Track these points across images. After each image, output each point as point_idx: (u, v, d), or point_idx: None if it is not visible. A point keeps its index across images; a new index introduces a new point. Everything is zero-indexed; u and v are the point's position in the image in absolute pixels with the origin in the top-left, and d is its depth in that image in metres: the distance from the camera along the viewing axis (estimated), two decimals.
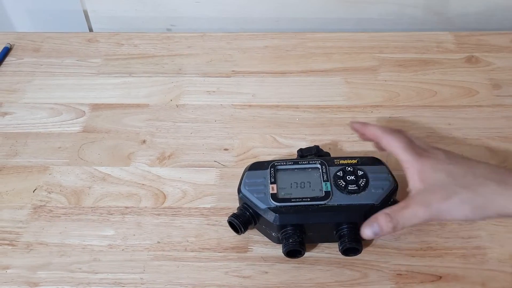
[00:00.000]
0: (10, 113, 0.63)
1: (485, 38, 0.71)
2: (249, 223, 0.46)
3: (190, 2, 0.79)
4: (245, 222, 0.46)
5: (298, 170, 0.48)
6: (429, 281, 0.45)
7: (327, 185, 0.46)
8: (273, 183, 0.47)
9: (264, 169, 0.48)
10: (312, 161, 0.49)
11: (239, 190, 0.47)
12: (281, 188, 0.46)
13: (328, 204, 0.45)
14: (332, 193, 0.45)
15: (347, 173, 0.47)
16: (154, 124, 0.61)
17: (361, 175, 0.46)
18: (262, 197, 0.46)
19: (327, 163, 0.48)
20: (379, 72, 0.67)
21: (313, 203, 0.45)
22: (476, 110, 0.61)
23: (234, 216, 0.46)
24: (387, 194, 0.45)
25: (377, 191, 0.45)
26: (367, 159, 0.48)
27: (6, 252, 0.49)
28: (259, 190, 0.46)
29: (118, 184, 0.54)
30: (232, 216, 0.46)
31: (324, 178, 0.47)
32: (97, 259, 0.48)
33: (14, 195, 0.54)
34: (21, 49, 0.72)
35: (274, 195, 0.46)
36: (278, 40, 0.73)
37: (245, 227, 0.46)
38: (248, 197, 0.46)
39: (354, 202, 0.45)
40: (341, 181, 0.46)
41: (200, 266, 0.47)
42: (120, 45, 0.73)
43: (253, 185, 0.47)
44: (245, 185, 0.47)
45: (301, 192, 0.46)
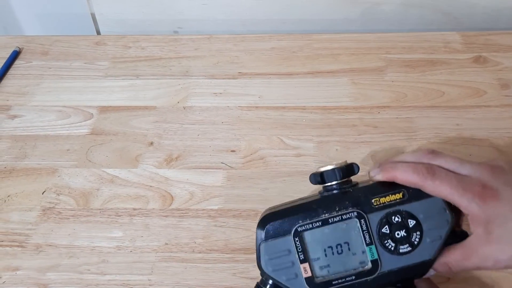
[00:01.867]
0: (19, 116, 0.63)
1: (493, 37, 0.71)
2: None
3: (197, 4, 0.79)
4: None
5: (329, 230, 0.36)
6: (438, 283, 0.45)
7: (372, 251, 0.36)
8: (304, 261, 0.36)
9: (285, 235, 0.36)
10: (345, 213, 0.36)
11: (260, 267, 0.37)
12: (314, 262, 0.36)
13: (377, 275, 0.36)
14: (380, 261, 0.36)
15: (394, 226, 0.36)
16: (161, 126, 0.61)
17: (413, 226, 0.36)
18: (294, 280, 0.36)
19: (364, 208, 0.36)
20: (386, 73, 0.67)
21: (359, 280, 0.36)
22: (484, 110, 0.61)
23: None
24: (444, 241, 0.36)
25: (433, 241, 0.36)
26: (414, 189, 0.36)
27: (16, 254, 0.49)
28: (288, 270, 0.36)
29: (126, 186, 0.55)
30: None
31: (367, 241, 0.36)
32: (106, 261, 0.48)
33: (23, 197, 0.54)
34: (29, 52, 0.73)
35: (309, 280, 0.36)
36: (284, 42, 0.73)
37: None
38: (275, 279, 0.37)
39: (407, 263, 0.36)
40: (389, 241, 0.36)
41: (207, 267, 0.47)
42: (127, 47, 0.73)
43: (277, 263, 0.37)
44: (267, 264, 0.37)
45: (340, 262, 0.36)
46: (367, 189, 0.37)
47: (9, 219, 0.52)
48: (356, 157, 0.56)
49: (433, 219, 0.36)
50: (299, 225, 0.36)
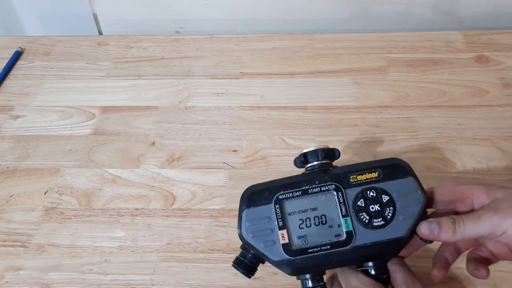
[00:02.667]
0: (22, 116, 0.64)
1: (495, 37, 0.71)
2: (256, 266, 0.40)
3: (199, 4, 0.79)
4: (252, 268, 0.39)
5: (308, 200, 0.38)
6: (439, 283, 0.45)
7: (347, 223, 0.38)
8: (282, 227, 0.38)
9: (266, 203, 0.38)
10: (325, 185, 0.39)
11: (240, 235, 0.39)
12: (292, 233, 0.38)
13: (351, 246, 0.37)
14: (354, 232, 0.38)
15: (369, 200, 0.38)
16: (163, 126, 0.61)
17: (387, 202, 0.38)
18: (271, 246, 0.38)
19: (342, 183, 0.39)
20: (388, 73, 0.67)
21: (334, 250, 0.37)
22: (487, 109, 0.61)
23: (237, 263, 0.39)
24: (416, 220, 0.38)
25: (406, 219, 0.38)
26: (390, 170, 0.39)
27: (19, 254, 0.49)
28: (266, 237, 0.38)
29: (128, 186, 0.55)
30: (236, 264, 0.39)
31: (343, 212, 0.38)
32: (108, 261, 0.48)
33: (26, 197, 0.54)
34: (32, 53, 0.73)
35: (286, 246, 0.37)
36: (286, 41, 0.73)
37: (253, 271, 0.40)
38: (255, 247, 0.38)
39: (380, 238, 0.37)
40: (364, 214, 0.38)
41: (209, 267, 0.47)
42: (129, 48, 0.73)
43: (257, 230, 0.38)
44: (247, 230, 0.38)
45: (317, 233, 0.38)
46: (346, 168, 0.40)
47: (12, 219, 0.52)
48: (358, 156, 0.56)
49: (406, 198, 0.38)
50: (280, 194, 0.38)
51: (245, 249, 0.39)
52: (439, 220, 0.37)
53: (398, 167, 0.39)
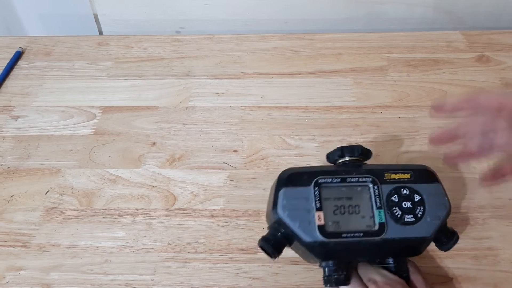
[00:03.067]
0: (23, 116, 0.64)
1: (496, 37, 0.71)
2: (283, 247, 0.39)
3: (199, 4, 0.79)
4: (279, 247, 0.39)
5: (345, 189, 0.40)
6: (440, 283, 0.45)
7: (380, 215, 0.39)
8: (319, 209, 0.39)
9: (305, 185, 0.40)
10: (362, 177, 0.41)
11: (275, 211, 0.39)
12: (328, 216, 0.39)
13: (382, 238, 0.39)
14: (386, 225, 0.39)
15: (402, 197, 0.40)
16: (164, 126, 0.61)
17: (418, 201, 0.40)
18: (306, 227, 0.38)
19: (378, 178, 0.41)
20: (388, 73, 0.67)
21: (365, 239, 0.38)
22: None
23: (266, 240, 0.39)
24: (442, 223, 0.40)
25: (433, 221, 0.39)
26: (420, 174, 0.41)
27: (19, 254, 0.49)
28: (302, 217, 0.39)
29: (128, 186, 0.55)
30: (264, 241, 0.39)
31: (377, 205, 0.39)
32: (109, 261, 0.48)
33: (26, 198, 0.54)
34: (32, 53, 0.73)
35: (322, 228, 0.38)
36: (286, 41, 0.73)
37: (279, 252, 0.39)
38: (287, 224, 0.39)
39: (408, 235, 0.39)
40: (397, 209, 0.39)
41: (210, 267, 0.47)
42: (130, 48, 0.73)
43: (293, 208, 0.39)
44: (284, 208, 0.39)
45: (350, 221, 0.39)
46: (379, 166, 0.42)
47: (13, 219, 0.52)
48: None
49: (435, 201, 0.40)
50: (320, 178, 0.40)
51: (275, 228, 0.39)
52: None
53: (427, 173, 0.42)
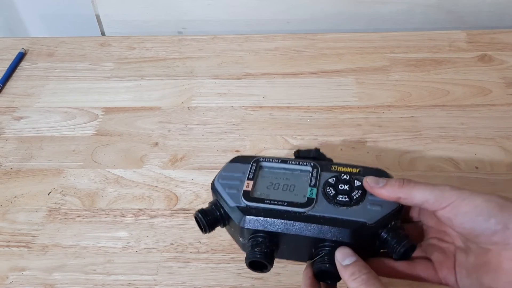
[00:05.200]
0: (25, 117, 0.64)
1: (498, 36, 0.71)
2: (216, 223, 0.39)
3: (201, 5, 0.79)
4: (212, 222, 0.39)
5: (285, 170, 0.40)
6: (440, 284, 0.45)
7: (312, 191, 0.38)
8: (250, 179, 0.39)
9: (246, 162, 0.41)
10: (304, 162, 0.40)
11: (212, 182, 0.41)
12: (258, 186, 0.39)
13: (308, 213, 0.36)
14: (316, 201, 0.37)
15: (340, 181, 0.38)
16: (166, 126, 0.61)
17: (358, 186, 0.38)
18: (234, 193, 0.38)
19: (322, 167, 0.40)
20: (390, 72, 0.66)
21: (290, 209, 0.37)
22: (490, 109, 0.60)
23: (202, 212, 0.39)
24: (387, 214, 0.36)
25: (373, 208, 0.36)
26: (371, 171, 0.39)
27: (23, 254, 0.49)
28: (233, 185, 0.39)
29: (131, 187, 0.55)
30: (199, 212, 0.39)
31: (312, 183, 0.38)
32: (111, 261, 0.49)
33: (29, 198, 0.54)
34: (35, 54, 0.74)
35: (246, 193, 0.38)
36: (288, 42, 0.73)
37: (210, 227, 0.39)
38: (219, 192, 0.39)
39: (341, 216, 0.36)
40: (331, 189, 0.38)
41: (212, 267, 0.48)
42: (132, 48, 0.73)
43: (228, 178, 0.40)
44: (220, 177, 0.40)
45: (280, 195, 0.38)
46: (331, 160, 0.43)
47: (16, 219, 0.53)
48: (360, 156, 0.56)
49: None
50: (262, 158, 0.41)
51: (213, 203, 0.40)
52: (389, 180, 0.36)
53: (381, 172, 0.39)
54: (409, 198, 0.34)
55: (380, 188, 0.35)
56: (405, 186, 0.34)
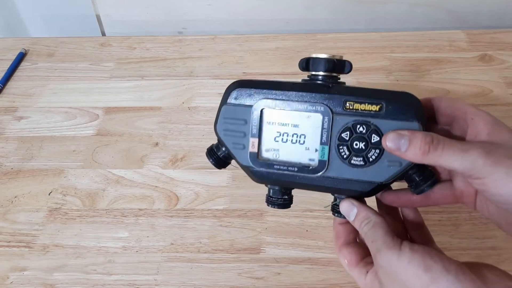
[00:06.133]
0: (26, 117, 0.64)
1: (499, 36, 0.71)
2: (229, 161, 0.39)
3: (201, 5, 0.79)
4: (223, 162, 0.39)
5: (292, 115, 0.35)
6: None
7: (324, 151, 0.34)
8: (254, 136, 0.36)
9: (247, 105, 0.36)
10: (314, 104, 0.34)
11: (215, 127, 0.38)
12: (264, 142, 0.36)
13: (322, 175, 0.35)
14: (328, 163, 0.34)
15: (355, 136, 0.34)
16: (166, 126, 0.61)
17: (375, 143, 0.33)
18: (240, 150, 0.36)
19: (335, 108, 0.34)
20: (391, 72, 0.66)
21: (301, 174, 0.35)
22: (490, 109, 0.60)
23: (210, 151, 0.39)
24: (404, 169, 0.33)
25: (391, 166, 0.33)
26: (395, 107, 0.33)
27: (23, 254, 0.49)
28: (237, 139, 0.36)
29: (131, 187, 0.55)
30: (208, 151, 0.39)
31: (323, 140, 0.34)
32: (112, 261, 0.49)
33: (30, 198, 0.54)
34: (35, 54, 0.74)
35: (253, 155, 0.36)
36: (289, 41, 0.73)
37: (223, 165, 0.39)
38: (225, 143, 0.37)
39: (355, 177, 0.34)
40: (344, 149, 0.34)
41: (213, 267, 0.48)
42: (132, 48, 0.73)
43: (230, 129, 0.36)
44: (221, 126, 0.37)
45: (291, 151, 0.35)
46: (347, 90, 0.35)
47: (16, 220, 0.53)
48: None
49: None
50: (264, 99, 0.35)
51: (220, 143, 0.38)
52: (413, 134, 0.31)
53: (406, 107, 0.33)
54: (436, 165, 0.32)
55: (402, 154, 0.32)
56: (431, 153, 0.31)
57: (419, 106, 0.33)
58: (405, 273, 0.30)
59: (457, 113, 0.34)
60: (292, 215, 0.51)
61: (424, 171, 0.34)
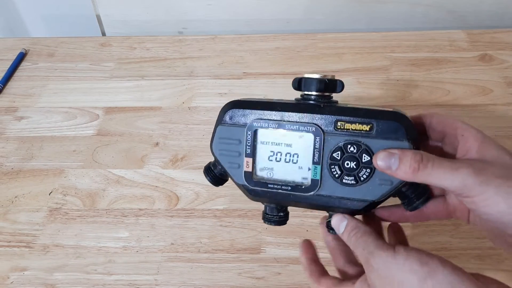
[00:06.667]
0: (26, 117, 0.64)
1: (499, 35, 0.71)
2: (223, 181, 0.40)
3: (201, 5, 0.79)
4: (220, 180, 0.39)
5: (285, 134, 0.36)
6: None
7: (316, 171, 0.35)
8: (249, 155, 0.37)
9: (241, 125, 0.37)
10: (306, 124, 0.35)
11: (211, 146, 0.39)
12: (258, 161, 0.37)
13: (313, 195, 0.35)
14: (320, 182, 0.35)
15: (347, 156, 0.34)
16: (166, 126, 0.61)
17: (366, 162, 0.34)
18: (236, 169, 0.37)
19: (326, 127, 0.35)
20: (391, 72, 0.66)
21: (294, 193, 0.36)
22: (491, 108, 0.60)
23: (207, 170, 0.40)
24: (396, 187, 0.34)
25: (382, 185, 0.34)
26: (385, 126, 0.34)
27: (24, 254, 0.49)
28: (232, 158, 0.37)
29: (132, 187, 0.55)
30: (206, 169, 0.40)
31: (315, 159, 0.35)
32: (112, 261, 0.49)
33: (30, 198, 0.54)
34: (36, 54, 0.74)
35: (248, 175, 0.37)
36: (289, 41, 0.73)
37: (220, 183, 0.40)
38: (220, 162, 0.38)
39: (347, 195, 0.35)
40: (336, 169, 0.35)
41: (213, 267, 0.48)
42: (132, 48, 0.73)
43: (225, 149, 0.37)
44: (216, 146, 0.38)
45: (284, 170, 0.36)
46: (339, 109, 0.35)
47: (17, 219, 0.53)
48: None
49: None
50: (257, 120, 0.36)
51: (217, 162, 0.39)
52: (403, 153, 0.32)
53: (396, 126, 0.34)
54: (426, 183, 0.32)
55: (393, 172, 0.32)
56: (421, 172, 0.31)
57: (409, 125, 0.34)
58: (401, 270, 0.30)
59: (448, 130, 0.34)
60: (292, 215, 0.51)
61: (417, 188, 0.34)
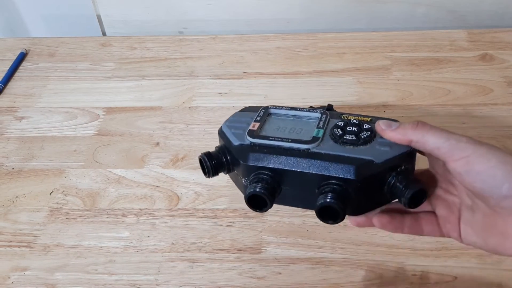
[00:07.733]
0: (27, 117, 0.64)
1: (499, 35, 0.71)
2: (220, 167, 0.39)
3: (202, 5, 0.79)
4: (216, 166, 0.38)
5: (293, 117, 0.40)
6: (444, 282, 0.45)
7: (318, 132, 0.37)
8: (257, 121, 0.39)
9: (256, 110, 0.41)
10: (314, 110, 0.40)
11: (220, 127, 0.40)
12: (265, 128, 0.39)
13: (313, 150, 0.35)
14: (321, 139, 0.36)
15: (349, 124, 0.37)
16: (167, 126, 0.61)
17: (367, 128, 0.36)
18: (239, 133, 0.38)
19: (332, 115, 0.39)
20: (391, 72, 0.66)
21: (294, 145, 0.36)
22: (491, 108, 0.60)
23: (207, 155, 0.39)
24: (396, 156, 0.34)
25: (382, 148, 0.35)
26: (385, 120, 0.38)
27: (24, 254, 0.50)
28: (239, 127, 0.39)
29: (132, 186, 0.55)
30: (205, 155, 0.39)
31: (319, 125, 0.38)
32: (113, 261, 0.49)
33: (31, 198, 0.55)
34: (36, 54, 0.74)
35: (251, 132, 0.38)
36: (289, 41, 0.73)
37: (214, 171, 0.39)
38: (225, 134, 0.39)
39: (347, 154, 0.35)
40: (338, 130, 0.36)
41: (214, 267, 0.48)
42: (133, 48, 0.73)
43: (235, 122, 0.40)
44: (227, 122, 0.40)
45: (286, 134, 0.38)
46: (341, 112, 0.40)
47: (17, 219, 0.53)
48: None
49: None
50: (272, 106, 0.41)
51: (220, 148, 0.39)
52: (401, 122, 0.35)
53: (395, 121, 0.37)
54: (421, 142, 0.33)
55: (392, 131, 0.34)
56: (419, 129, 0.33)
57: None
58: None
59: None
60: (292, 214, 0.51)
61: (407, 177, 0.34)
